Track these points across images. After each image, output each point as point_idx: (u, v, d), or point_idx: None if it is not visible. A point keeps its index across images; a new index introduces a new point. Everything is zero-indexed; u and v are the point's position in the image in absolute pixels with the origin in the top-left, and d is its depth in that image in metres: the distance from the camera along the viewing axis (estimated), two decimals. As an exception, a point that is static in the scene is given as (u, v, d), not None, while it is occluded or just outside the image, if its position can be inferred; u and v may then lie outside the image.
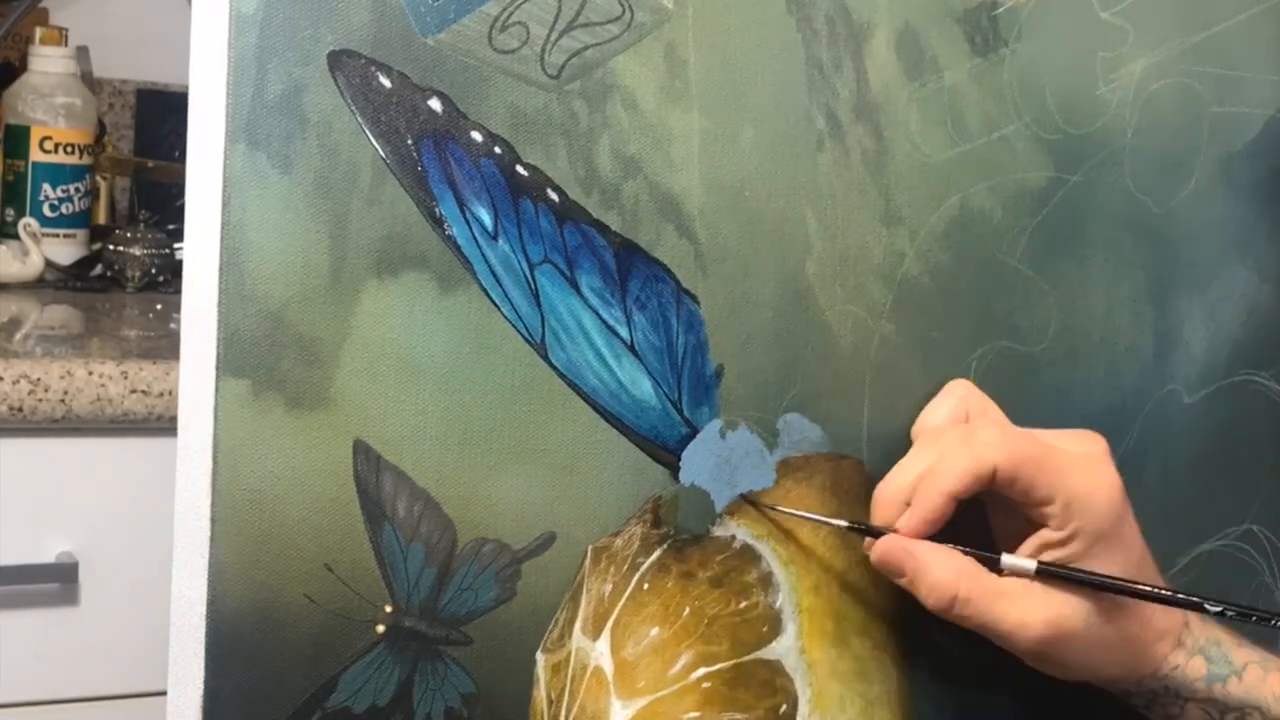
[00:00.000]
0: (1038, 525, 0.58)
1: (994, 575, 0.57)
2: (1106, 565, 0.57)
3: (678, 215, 0.59)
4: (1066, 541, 0.57)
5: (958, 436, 0.58)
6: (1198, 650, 0.60)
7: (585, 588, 0.58)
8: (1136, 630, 0.58)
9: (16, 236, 1.41)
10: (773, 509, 0.60)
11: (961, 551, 0.57)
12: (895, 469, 0.59)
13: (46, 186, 1.44)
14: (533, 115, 0.56)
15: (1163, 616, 0.59)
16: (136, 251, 1.42)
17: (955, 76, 0.63)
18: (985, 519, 0.60)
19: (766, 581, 0.60)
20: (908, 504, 0.57)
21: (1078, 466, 0.57)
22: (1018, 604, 0.57)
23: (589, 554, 0.58)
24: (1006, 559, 0.57)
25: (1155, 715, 0.61)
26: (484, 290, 0.56)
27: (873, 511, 0.59)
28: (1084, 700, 0.64)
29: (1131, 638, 0.58)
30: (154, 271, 1.43)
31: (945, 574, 0.57)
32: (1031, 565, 0.56)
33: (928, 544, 0.57)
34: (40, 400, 1.05)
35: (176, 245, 1.45)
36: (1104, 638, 0.57)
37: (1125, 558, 0.58)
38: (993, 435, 0.57)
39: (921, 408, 0.62)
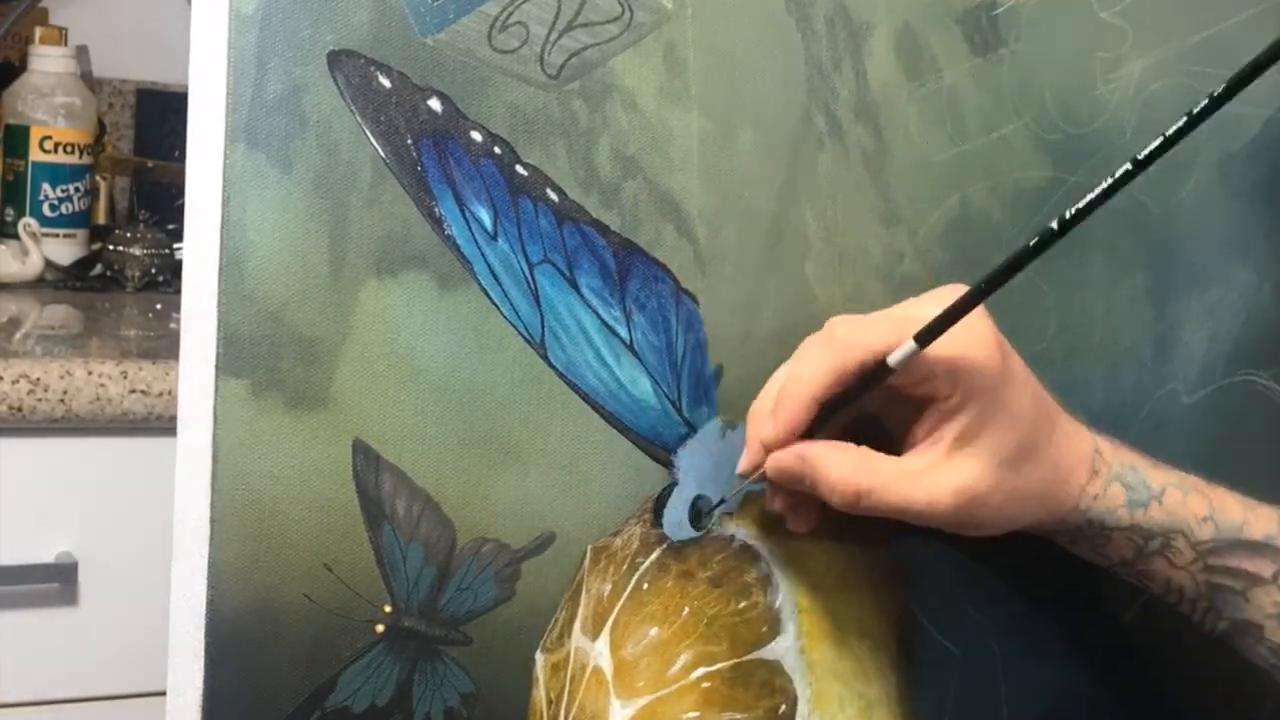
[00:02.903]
0: (928, 402, 0.56)
1: (893, 459, 0.56)
2: (1009, 411, 0.56)
3: (677, 215, 0.59)
4: (961, 406, 0.55)
5: (816, 339, 0.56)
6: (1114, 478, 0.58)
7: (584, 587, 0.58)
8: (1047, 471, 0.57)
9: (16, 236, 1.41)
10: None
11: (854, 445, 0.56)
12: (767, 384, 0.58)
13: (46, 186, 1.44)
14: (532, 115, 0.56)
15: (1071, 450, 0.58)
16: (136, 251, 1.42)
17: (955, 76, 0.63)
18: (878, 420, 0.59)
19: (765, 581, 0.60)
20: None
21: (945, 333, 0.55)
22: (924, 481, 0.55)
23: (588, 554, 0.58)
24: (893, 357, 0.54)
25: (1082, 550, 0.60)
26: (483, 290, 0.56)
27: (748, 430, 0.58)
28: (1085, 701, 0.64)
29: (1044, 480, 0.57)
30: (154, 271, 1.43)
31: (843, 470, 0.55)
32: (910, 345, 0.53)
33: (820, 444, 0.56)
34: (40, 400, 1.05)
35: (176, 245, 1.45)
36: (1016, 489, 0.56)
37: (1023, 399, 0.56)
38: (849, 331, 0.55)
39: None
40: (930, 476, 0.55)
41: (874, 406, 0.58)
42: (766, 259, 0.60)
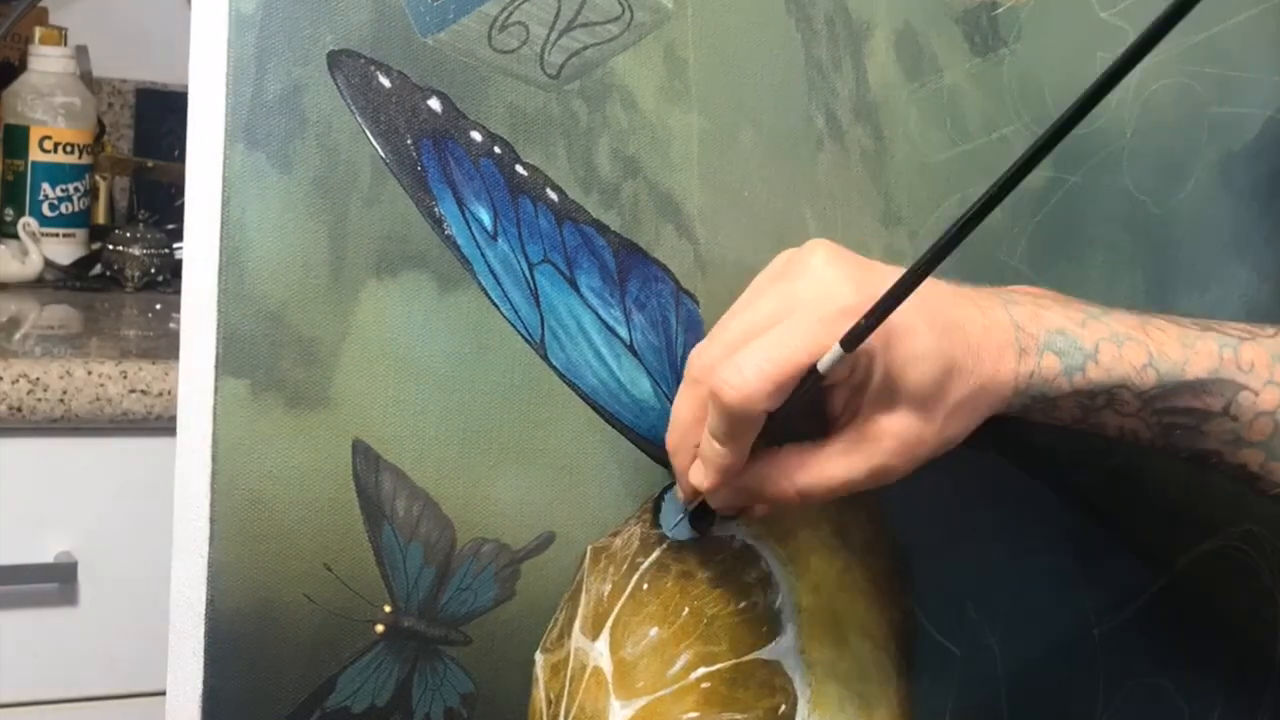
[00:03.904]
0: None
1: (822, 445, 0.55)
2: (908, 351, 0.53)
3: (677, 215, 0.59)
4: (865, 373, 0.53)
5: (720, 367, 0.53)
6: (1044, 348, 0.57)
7: (584, 588, 0.58)
8: (973, 380, 0.55)
9: (16, 236, 1.41)
10: None
11: (781, 447, 0.55)
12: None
13: (46, 186, 1.44)
14: (532, 115, 0.56)
15: (991, 342, 0.56)
16: (136, 251, 1.42)
17: (955, 76, 0.63)
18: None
19: (766, 581, 0.60)
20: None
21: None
22: (860, 453, 0.54)
23: (588, 554, 0.58)
24: (822, 363, 0.51)
25: (1034, 418, 0.59)
26: (483, 290, 0.56)
27: (675, 462, 0.57)
28: (1085, 701, 0.64)
29: (972, 389, 0.55)
30: (153, 271, 1.43)
31: (781, 481, 0.54)
32: (837, 351, 0.51)
33: (750, 469, 0.54)
34: (39, 400, 1.05)
35: (176, 245, 1.45)
36: (949, 413, 0.55)
37: (918, 328, 0.54)
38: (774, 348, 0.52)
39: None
40: (863, 447, 0.54)
41: None
42: (766, 259, 0.60)
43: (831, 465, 0.55)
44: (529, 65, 0.56)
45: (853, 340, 0.51)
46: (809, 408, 0.55)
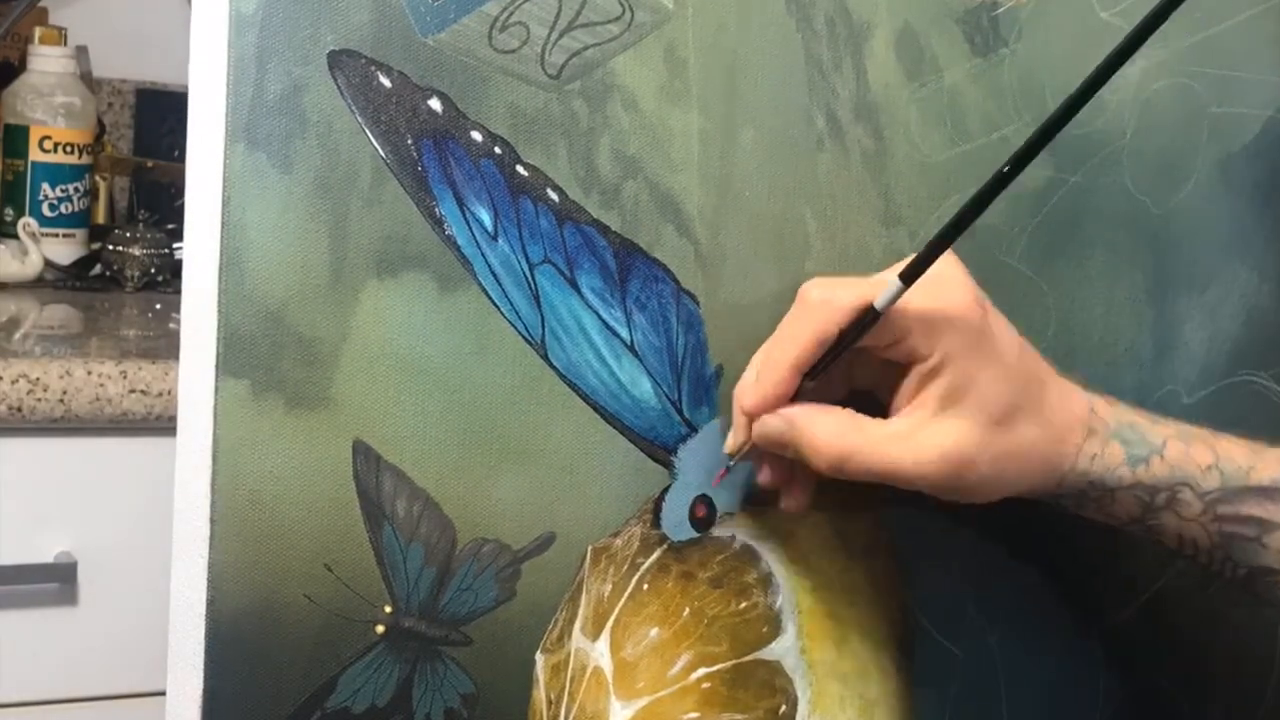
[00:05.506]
0: (909, 365, 0.54)
1: (880, 421, 0.54)
2: (994, 370, 0.54)
3: (678, 215, 0.59)
4: (943, 365, 0.53)
5: (794, 310, 0.55)
6: (1112, 435, 0.57)
7: (585, 588, 0.58)
8: (1040, 431, 0.55)
9: (16, 236, 1.41)
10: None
11: (840, 408, 0.55)
12: (750, 361, 0.57)
13: (46, 186, 1.44)
14: (533, 115, 0.56)
15: (1065, 410, 0.56)
16: (136, 251, 1.42)
17: (955, 77, 0.63)
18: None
19: (766, 582, 0.60)
20: None
21: (920, 290, 0.53)
22: (910, 443, 0.54)
23: (589, 554, 0.58)
24: (880, 299, 0.53)
25: (1089, 512, 0.58)
26: (484, 290, 0.56)
27: (734, 408, 0.57)
28: (1085, 702, 0.64)
29: (1037, 440, 0.55)
30: (153, 271, 1.43)
31: (828, 432, 0.54)
32: (895, 284, 0.52)
33: (805, 407, 0.54)
34: (39, 400, 1.05)
35: (176, 245, 1.45)
36: (1007, 451, 0.54)
37: (1009, 357, 0.55)
38: (822, 292, 0.54)
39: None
40: (916, 438, 0.54)
41: (866, 381, 0.57)
42: (766, 259, 0.60)
43: (882, 444, 0.54)
44: (530, 65, 0.56)
45: (910, 275, 0.52)
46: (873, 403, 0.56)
